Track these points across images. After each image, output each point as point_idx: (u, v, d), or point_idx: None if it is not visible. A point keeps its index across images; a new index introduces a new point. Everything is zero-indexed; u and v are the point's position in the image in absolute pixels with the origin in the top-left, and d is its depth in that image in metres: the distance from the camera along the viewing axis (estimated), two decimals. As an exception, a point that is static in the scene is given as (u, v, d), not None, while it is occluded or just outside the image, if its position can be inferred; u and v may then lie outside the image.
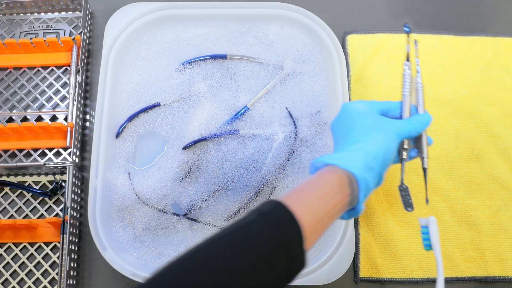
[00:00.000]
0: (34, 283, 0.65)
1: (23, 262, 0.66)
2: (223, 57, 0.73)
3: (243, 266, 0.36)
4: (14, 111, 0.74)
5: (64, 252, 0.63)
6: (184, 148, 0.68)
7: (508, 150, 0.72)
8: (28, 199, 0.70)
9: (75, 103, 0.71)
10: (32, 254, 0.67)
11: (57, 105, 0.74)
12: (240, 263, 0.37)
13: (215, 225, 0.66)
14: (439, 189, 0.70)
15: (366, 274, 0.66)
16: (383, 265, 0.66)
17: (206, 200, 0.67)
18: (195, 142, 0.68)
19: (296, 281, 0.61)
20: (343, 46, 0.77)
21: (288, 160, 0.68)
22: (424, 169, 0.58)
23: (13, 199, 0.70)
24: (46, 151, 0.71)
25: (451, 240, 0.68)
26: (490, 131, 0.73)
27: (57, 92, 0.75)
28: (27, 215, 0.69)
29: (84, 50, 0.75)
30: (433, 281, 0.66)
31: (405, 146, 0.54)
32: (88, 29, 0.78)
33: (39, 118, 0.73)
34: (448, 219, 0.69)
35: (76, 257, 0.66)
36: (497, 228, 0.69)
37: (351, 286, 0.67)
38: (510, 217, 0.69)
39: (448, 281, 0.66)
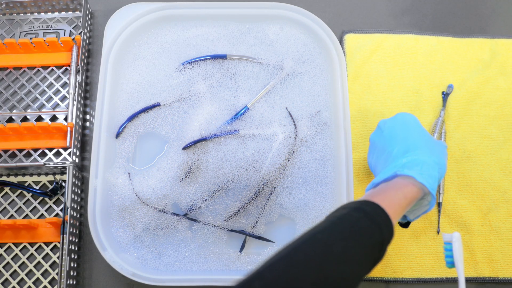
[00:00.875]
0: (34, 283, 0.65)
1: (23, 262, 0.66)
2: (223, 57, 0.73)
3: (355, 258, 0.44)
4: (14, 111, 0.74)
5: (64, 252, 0.63)
6: (184, 148, 0.68)
7: (500, 151, 0.73)
8: (28, 199, 0.70)
9: (75, 103, 0.71)
10: (32, 254, 0.67)
11: (57, 105, 0.74)
12: (354, 253, 0.44)
13: (215, 225, 0.66)
14: None
15: None
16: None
17: (206, 200, 0.67)
18: (195, 142, 0.68)
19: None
20: (341, 45, 0.77)
21: (288, 161, 0.68)
22: (439, 203, 0.68)
23: (13, 199, 0.70)
24: (46, 151, 0.71)
25: (441, 240, 0.68)
26: (483, 132, 0.74)
27: (57, 92, 0.75)
28: (27, 215, 0.69)
29: (84, 50, 0.75)
30: (423, 281, 0.66)
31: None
32: (88, 29, 0.78)
33: (39, 118, 0.73)
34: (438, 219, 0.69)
35: (76, 257, 0.66)
36: (487, 229, 0.69)
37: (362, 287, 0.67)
38: (501, 218, 0.69)
39: (437, 281, 0.67)
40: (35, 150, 0.71)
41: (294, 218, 0.67)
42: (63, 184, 0.70)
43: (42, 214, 0.69)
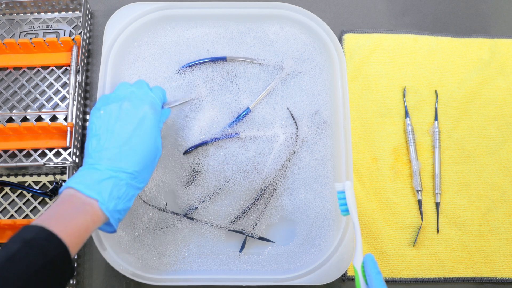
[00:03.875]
0: (34, 283, 0.65)
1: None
2: (223, 59, 0.73)
3: None
4: (14, 111, 0.74)
5: (64, 252, 0.63)
6: (185, 153, 0.68)
7: (499, 151, 0.73)
8: (28, 199, 0.70)
9: (75, 103, 0.71)
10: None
11: (57, 105, 0.74)
12: None
13: (214, 225, 0.66)
14: (428, 189, 0.71)
15: (354, 273, 0.66)
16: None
17: (203, 201, 0.67)
18: (196, 147, 0.68)
19: (296, 281, 0.61)
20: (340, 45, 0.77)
21: (289, 161, 0.68)
22: (437, 203, 0.68)
23: (13, 199, 0.70)
24: (46, 151, 0.71)
25: (440, 240, 0.68)
26: (482, 132, 0.74)
27: (57, 92, 0.75)
28: (27, 215, 0.69)
29: (84, 50, 0.75)
30: (421, 281, 0.67)
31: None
32: (88, 29, 0.78)
33: (39, 118, 0.73)
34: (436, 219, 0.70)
35: (76, 257, 0.66)
36: (486, 229, 0.69)
37: (351, 286, 0.67)
38: (499, 218, 0.70)
39: (436, 281, 0.67)
40: (35, 150, 0.71)
41: (294, 219, 0.67)
42: (63, 184, 0.70)
43: (42, 214, 0.69)
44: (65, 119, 0.73)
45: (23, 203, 0.70)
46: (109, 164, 0.51)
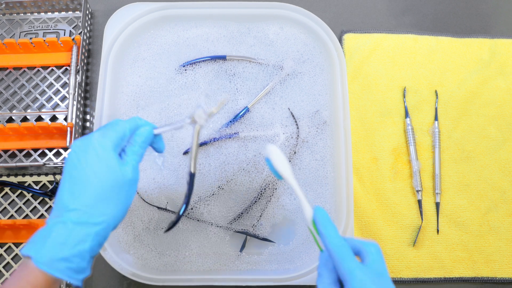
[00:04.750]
0: (34, 283, 0.65)
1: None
2: (222, 58, 0.73)
3: None
4: (14, 111, 0.74)
5: (64, 252, 0.63)
6: (185, 153, 0.68)
7: (499, 151, 0.73)
8: (28, 199, 0.70)
9: (75, 103, 0.71)
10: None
11: (57, 105, 0.74)
12: None
13: (215, 225, 0.66)
14: (428, 189, 0.71)
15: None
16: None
17: (207, 201, 0.67)
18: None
19: (296, 281, 0.61)
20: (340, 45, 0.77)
21: (290, 161, 0.68)
22: (437, 203, 0.68)
23: (13, 199, 0.70)
24: (46, 151, 0.71)
25: (440, 240, 0.68)
26: (482, 132, 0.74)
27: (57, 92, 0.75)
28: (27, 215, 0.69)
29: (84, 50, 0.75)
30: (421, 281, 0.67)
31: None
32: (88, 29, 0.78)
33: (39, 118, 0.73)
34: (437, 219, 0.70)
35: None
36: (486, 229, 0.69)
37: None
38: (499, 218, 0.70)
39: (436, 281, 0.67)
40: (35, 150, 0.71)
41: (294, 219, 0.67)
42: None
43: (42, 214, 0.69)
44: (65, 119, 0.73)
45: (23, 203, 0.70)
46: (55, 209, 0.44)
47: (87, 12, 0.78)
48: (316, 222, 0.46)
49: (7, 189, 0.70)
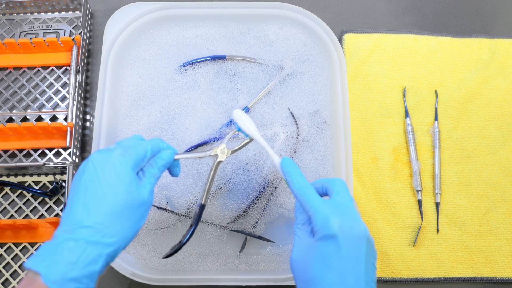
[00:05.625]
0: (34, 283, 0.65)
1: (23, 262, 0.66)
2: (222, 58, 0.73)
3: None
4: (14, 111, 0.74)
5: (64, 252, 0.63)
6: (187, 151, 0.68)
7: (499, 151, 0.73)
8: (28, 199, 0.70)
9: (75, 103, 0.71)
10: (32, 254, 0.67)
11: (57, 105, 0.74)
12: None
13: (215, 225, 0.66)
14: (428, 189, 0.71)
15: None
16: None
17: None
18: (196, 147, 0.68)
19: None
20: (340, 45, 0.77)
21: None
22: (437, 203, 0.69)
23: (13, 199, 0.70)
24: (46, 151, 0.71)
25: (440, 240, 0.68)
26: (482, 132, 0.74)
27: (57, 92, 0.75)
28: (27, 215, 0.69)
29: (84, 50, 0.75)
30: (421, 281, 0.67)
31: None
32: (88, 29, 0.78)
33: (39, 118, 0.73)
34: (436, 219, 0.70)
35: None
36: (486, 229, 0.69)
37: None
38: (499, 218, 0.70)
39: (436, 281, 0.67)
40: (35, 150, 0.71)
41: (294, 218, 0.67)
42: (63, 184, 0.70)
43: (42, 214, 0.69)
44: (65, 119, 0.73)
45: (23, 203, 0.70)
46: (66, 223, 0.42)
47: (87, 12, 0.78)
48: (283, 171, 0.49)
49: (7, 189, 0.70)
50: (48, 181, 0.71)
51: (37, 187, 0.70)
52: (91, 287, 0.42)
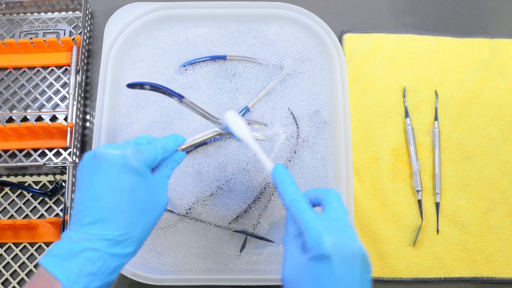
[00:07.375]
0: (34, 283, 0.65)
1: (23, 262, 0.66)
2: (222, 58, 0.73)
3: None
4: (14, 111, 0.74)
5: (64, 252, 0.63)
6: (187, 152, 0.68)
7: (499, 151, 0.73)
8: (28, 199, 0.70)
9: (75, 103, 0.71)
10: (32, 254, 0.67)
11: (57, 105, 0.74)
12: None
13: (215, 225, 0.66)
14: (428, 189, 0.71)
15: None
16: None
17: (206, 200, 0.67)
18: (196, 147, 0.68)
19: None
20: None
21: (290, 161, 0.68)
22: (437, 203, 0.68)
23: (13, 199, 0.70)
24: (46, 151, 0.71)
25: (440, 240, 0.68)
26: (482, 132, 0.74)
27: (57, 92, 0.75)
28: (27, 215, 0.69)
29: (84, 50, 0.75)
30: (421, 281, 0.67)
31: None
32: (88, 29, 0.78)
33: (39, 118, 0.73)
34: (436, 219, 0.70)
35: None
36: (486, 229, 0.69)
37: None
38: (499, 218, 0.70)
39: (436, 281, 0.67)
40: (35, 150, 0.71)
41: (294, 218, 0.67)
42: (63, 184, 0.70)
43: (42, 214, 0.69)
44: (65, 119, 0.73)
45: (23, 203, 0.70)
46: (84, 231, 0.41)
47: (87, 12, 0.78)
48: (274, 181, 0.46)
49: (7, 189, 0.70)
50: (48, 181, 0.71)
51: (37, 187, 0.70)
52: None
